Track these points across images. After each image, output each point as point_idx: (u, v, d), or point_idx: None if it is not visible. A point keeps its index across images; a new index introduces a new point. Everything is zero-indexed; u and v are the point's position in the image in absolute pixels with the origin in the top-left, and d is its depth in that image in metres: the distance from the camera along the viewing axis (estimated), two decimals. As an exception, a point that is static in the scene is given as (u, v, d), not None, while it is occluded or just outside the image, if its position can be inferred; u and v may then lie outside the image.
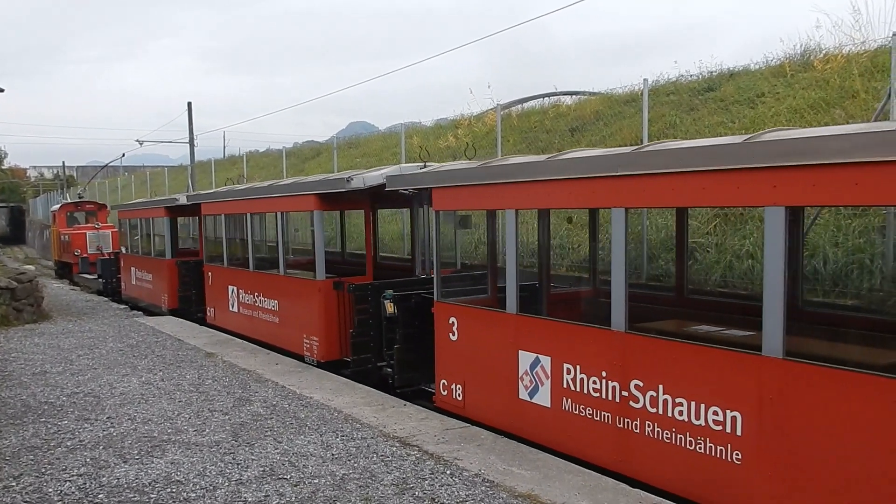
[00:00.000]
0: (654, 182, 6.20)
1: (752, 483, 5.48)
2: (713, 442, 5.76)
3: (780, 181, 5.22)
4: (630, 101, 16.92)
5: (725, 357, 5.74)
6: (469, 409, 8.47)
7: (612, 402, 6.62)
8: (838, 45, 13.74)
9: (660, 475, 6.22)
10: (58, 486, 6.68)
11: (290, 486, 6.49)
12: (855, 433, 4.89)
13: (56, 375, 11.34)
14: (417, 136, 24.45)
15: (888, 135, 4.72)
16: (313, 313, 11.64)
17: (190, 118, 35.04)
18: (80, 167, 79.01)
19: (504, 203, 7.91)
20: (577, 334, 7.10)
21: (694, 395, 5.91)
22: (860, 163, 4.76)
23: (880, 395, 4.74)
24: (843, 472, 4.96)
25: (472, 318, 8.45)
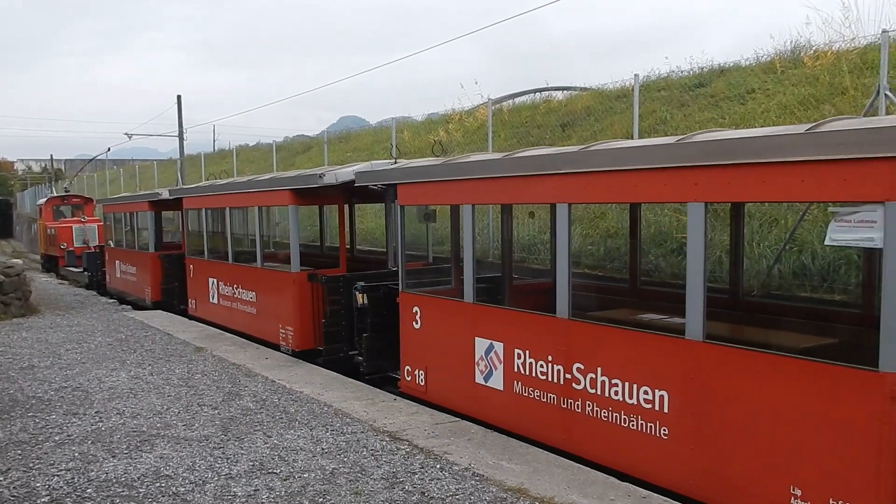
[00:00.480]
0: (593, 179, 6.68)
1: (677, 456, 5.98)
2: (644, 419, 6.26)
3: (700, 179, 5.73)
4: (621, 96, 16.94)
5: (654, 341, 6.27)
6: (431, 393, 8.89)
7: (557, 384, 7.10)
8: (828, 41, 13.79)
9: (599, 451, 6.73)
10: (46, 480, 6.65)
11: (279, 481, 6.48)
12: (767, 408, 5.36)
13: (44, 370, 11.29)
14: (408, 131, 24.42)
15: (787, 138, 5.23)
16: (288, 304, 12.02)
17: (179, 111, 34.88)
18: (68, 160, 78.57)
19: (462, 198, 8.34)
20: (527, 321, 7.56)
21: (628, 377, 6.42)
22: (766, 163, 5.28)
23: (787, 373, 5.25)
24: (757, 443, 5.41)
25: (434, 308, 8.89)
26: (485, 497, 6.00)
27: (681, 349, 5.95)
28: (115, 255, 22.06)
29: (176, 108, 34.87)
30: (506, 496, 5.99)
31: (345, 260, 12.57)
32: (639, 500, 5.88)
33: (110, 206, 22.91)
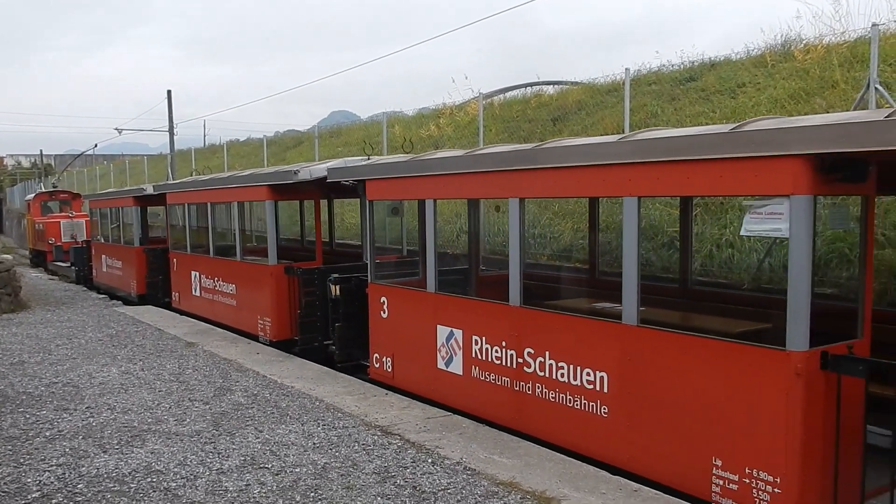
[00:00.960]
0: (541, 176, 7.15)
1: (616, 432, 6.46)
2: (587, 399, 6.75)
3: (633, 175, 6.21)
4: (612, 90, 16.95)
5: (595, 326, 6.82)
6: (397, 379, 9.34)
7: (510, 368, 7.60)
8: (818, 35, 13.82)
9: (548, 430, 7.19)
10: (36, 476, 6.63)
11: (271, 476, 6.48)
12: (692, 386, 5.85)
13: (34, 365, 11.24)
14: (400, 126, 24.38)
15: (707, 138, 5.72)
16: (266, 296, 12.47)
17: (169, 106, 34.73)
18: (58, 156, 78.10)
19: (424, 193, 8.86)
20: (483, 309, 8.08)
21: (572, 359, 6.91)
22: (690, 160, 5.77)
23: (710, 354, 5.73)
24: (684, 418, 5.89)
25: (399, 298, 9.38)
26: (476, 491, 6.01)
27: (618, 333, 6.44)
28: (101, 249, 22.32)
29: (166, 103, 34.73)
30: (497, 490, 6.01)
31: (320, 253, 12.88)
32: (629, 493, 5.90)
33: (96, 201, 23.21)
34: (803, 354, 5.15)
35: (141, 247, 18.64)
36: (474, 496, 5.91)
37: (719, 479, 5.65)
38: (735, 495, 5.53)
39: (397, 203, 11.22)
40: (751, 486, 5.45)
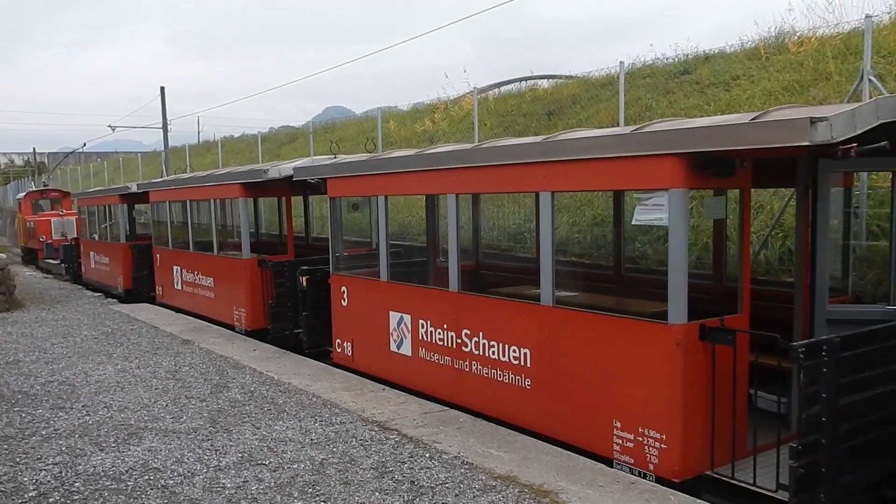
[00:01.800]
0: (473, 173, 7.97)
1: (537, 402, 7.26)
2: (513, 374, 7.55)
3: (547, 172, 6.97)
4: (607, 84, 16.93)
5: (519, 307, 7.58)
6: (357, 362, 10.17)
7: (451, 348, 8.39)
8: (812, 27, 13.82)
9: (482, 403, 7.99)
10: (33, 475, 6.61)
11: (268, 472, 6.47)
12: (596, 357, 6.62)
13: (30, 364, 11.21)
14: (394, 121, 24.34)
15: (603, 139, 6.55)
16: (241, 288, 13.27)
17: (163, 103, 34.62)
18: (51, 153, 77.86)
19: (378, 190, 9.59)
20: (428, 295, 8.95)
21: (501, 338, 7.69)
22: (590, 159, 6.54)
23: (609, 329, 6.53)
24: (590, 387, 6.67)
25: (357, 287, 10.18)
26: (474, 485, 6.01)
27: (536, 313, 7.25)
28: (89, 246, 22.95)
29: (159, 100, 34.62)
30: (495, 484, 6.01)
31: (292, 246, 13.65)
32: (626, 486, 5.91)
33: (85, 199, 23.85)
34: (682, 327, 5.91)
35: (126, 243, 19.33)
36: (472, 490, 5.91)
37: (619, 438, 6.44)
38: (631, 452, 6.33)
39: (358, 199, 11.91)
40: (643, 444, 6.23)
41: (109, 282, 20.69)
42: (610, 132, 6.93)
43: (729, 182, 6.22)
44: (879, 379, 5.67)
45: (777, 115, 5.57)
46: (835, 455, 5.41)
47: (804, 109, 5.85)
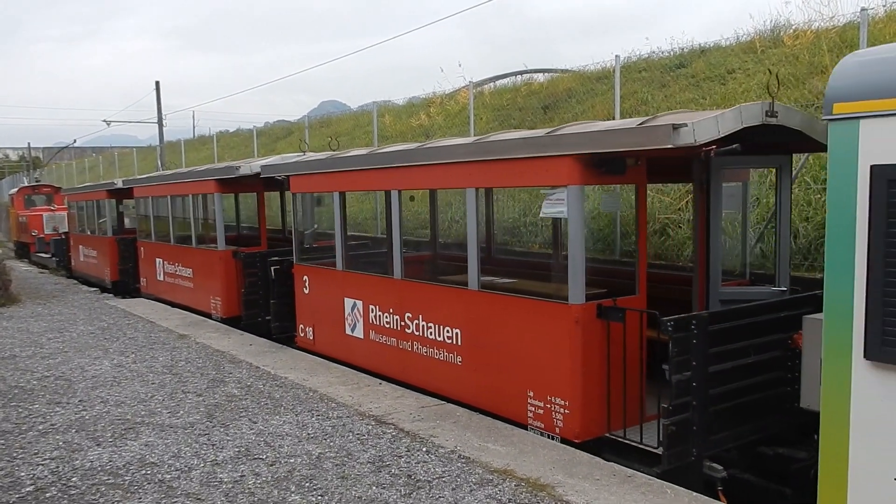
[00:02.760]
0: (413, 171, 8.74)
1: (466, 376, 8.07)
2: (447, 352, 8.32)
3: (472, 171, 7.80)
4: (602, 77, 16.93)
5: (451, 292, 8.38)
6: (318, 345, 10.95)
7: (396, 330, 9.15)
8: (807, 20, 13.83)
9: (423, 379, 8.76)
10: (30, 469, 6.61)
11: (265, 466, 6.48)
12: (513, 335, 7.42)
13: (26, 359, 11.20)
14: (390, 115, 24.30)
15: (513, 142, 7.34)
16: (216, 278, 14.09)
17: (158, 97, 34.54)
18: (46, 148, 77.64)
19: (334, 187, 10.39)
20: (377, 283, 9.65)
21: (437, 320, 8.46)
22: (505, 159, 7.36)
23: (523, 309, 7.32)
24: (508, 361, 7.48)
25: (317, 276, 10.98)
26: (471, 479, 6.03)
27: (465, 297, 8.06)
28: (78, 240, 23.71)
29: (154, 95, 34.53)
30: (492, 477, 6.03)
31: (264, 238, 14.67)
32: (623, 479, 5.93)
33: (73, 195, 24.56)
34: (580, 306, 6.70)
35: (113, 237, 20.04)
36: (469, 484, 5.93)
37: (532, 406, 7.23)
38: (542, 418, 7.12)
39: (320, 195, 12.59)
40: (551, 410, 7.01)
41: (98, 274, 21.42)
42: (523, 135, 7.70)
43: (622, 179, 7.07)
44: (744, 350, 6.46)
45: (661, 121, 6.25)
46: (705, 415, 6.23)
47: (682, 115, 6.44)
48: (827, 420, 4.87)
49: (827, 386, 4.88)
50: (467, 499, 5.67)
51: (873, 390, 4.62)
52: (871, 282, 4.58)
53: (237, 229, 18.08)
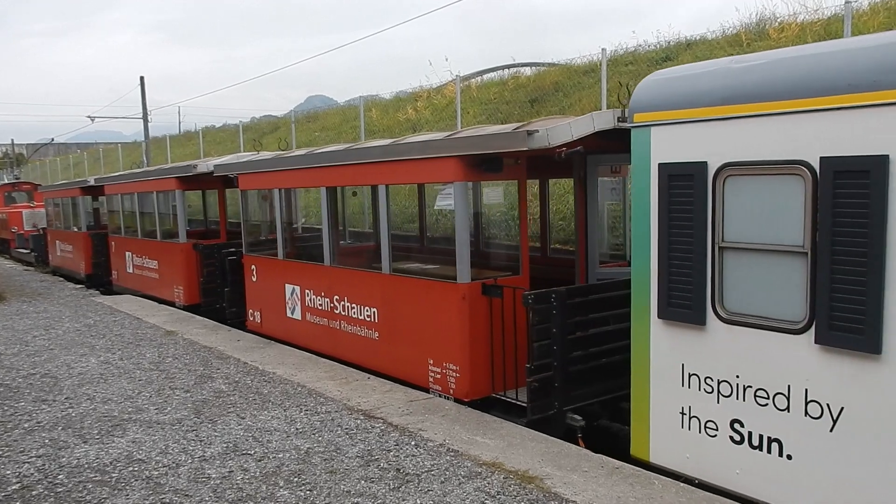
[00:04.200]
0: (338, 170, 9.85)
1: (382, 349, 9.22)
2: (367, 329, 9.45)
3: (382, 170, 8.88)
4: (589, 71, 16.96)
5: (369, 276, 9.46)
6: (264, 328, 12.07)
7: (327, 311, 10.26)
8: (792, 13, 13.90)
9: (348, 355, 9.86)
10: (16, 468, 6.57)
11: (254, 462, 6.47)
12: (416, 311, 8.52)
13: (11, 357, 11.12)
14: (377, 109, 24.26)
15: (410, 145, 8.44)
16: (179, 268, 15.14)
17: (143, 93, 34.32)
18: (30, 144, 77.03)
19: (274, 184, 11.57)
20: (311, 270, 10.71)
21: (359, 301, 9.57)
22: (404, 160, 8.49)
23: (424, 288, 8.42)
24: (413, 334, 8.58)
25: (263, 265, 12.13)
26: (460, 472, 6.03)
27: (380, 279, 9.16)
28: (55, 235, 24.73)
29: (139, 90, 34.31)
30: (481, 471, 6.03)
31: (224, 231, 15.60)
32: (611, 471, 5.95)
33: (49, 192, 25.55)
34: (466, 285, 7.81)
35: (86, 232, 20.97)
36: (458, 477, 5.93)
37: (431, 372, 8.33)
38: (439, 382, 8.24)
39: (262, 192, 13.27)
40: (447, 375, 8.12)
41: (73, 267, 22.40)
42: (421, 139, 8.72)
43: (501, 176, 8.07)
44: (603, 320, 7.40)
45: (533, 126, 7.23)
46: (566, 375, 7.26)
47: (551, 121, 7.59)
48: (635, 367, 6.11)
49: (634, 341, 6.10)
50: (456, 492, 5.67)
51: (663, 343, 5.87)
52: (660, 257, 5.78)
53: (205, 224, 19.07)
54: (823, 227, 4.78)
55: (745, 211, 5.27)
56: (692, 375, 5.67)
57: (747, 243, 5.27)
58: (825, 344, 4.85)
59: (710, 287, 5.48)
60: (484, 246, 11.43)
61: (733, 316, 5.39)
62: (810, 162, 4.84)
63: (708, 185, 5.44)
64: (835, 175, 4.71)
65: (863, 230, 4.61)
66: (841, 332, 4.75)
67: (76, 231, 21.84)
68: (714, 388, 5.53)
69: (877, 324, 4.58)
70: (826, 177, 4.75)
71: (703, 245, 5.48)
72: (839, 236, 4.72)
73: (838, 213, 4.70)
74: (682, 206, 5.60)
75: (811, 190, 4.84)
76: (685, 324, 5.66)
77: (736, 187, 5.31)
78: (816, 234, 4.82)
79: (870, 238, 4.57)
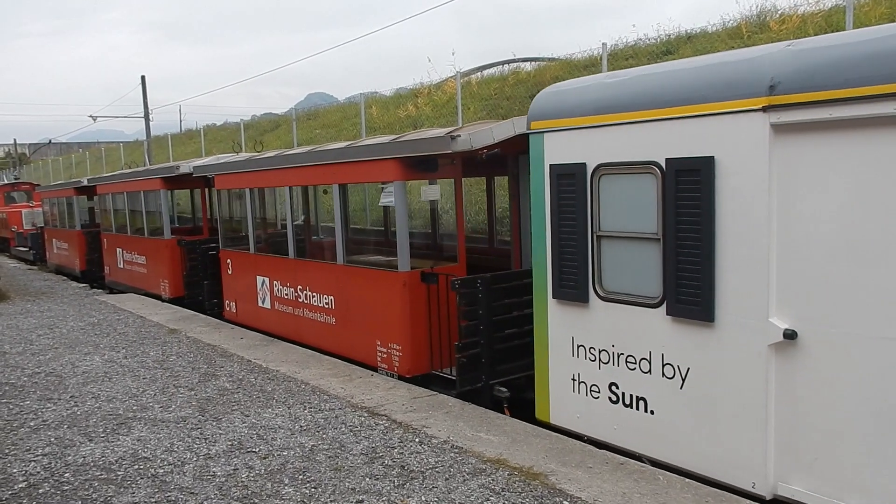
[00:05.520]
0: (298, 171, 10.85)
1: (339, 333, 10.15)
2: (326, 315, 10.41)
3: (337, 171, 9.88)
4: (589, 65, 16.92)
5: (327, 266, 10.42)
6: (239, 317, 13.07)
7: (292, 300, 11.24)
8: (793, 5, 13.87)
9: (310, 339, 10.83)
10: (22, 466, 6.59)
11: (258, 459, 6.49)
12: (366, 297, 9.46)
13: (16, 356, 11.15)
14: (377, 106, 24.24)
15: (359, 149, 9.47)
16: (164, 263, 16.02)
17: (144, 91, 34.32)
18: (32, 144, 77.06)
19: (245, 184, 12.59)
20: (278, 262, 11.68)
21: (319, 290, 10.53)
22: (354, 161, 9.48)
23: (372, 277, 9.38)
24: (364, 319, 9.51)
25: (237, 258, 13.14)
26: (464, 469, 6.05)
27: (335, 270, 10.11)
28: (51, 234, 25.75)
29: (140, 89, 34.30)
30: (485, 467, 6.05)
31: (206, 228, 16.72)
32: (616, 467, 5.96)
33: (46, 192, 26.59)
34: (407, 273, 8.72)
35: (80, 230, 21.99)
36: (462, 474, 5.95)
37: (379, 352, 9.23)
38: (386, 361, 9.14)
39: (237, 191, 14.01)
40: (392, 354, 9.03)
41: (69, 264, 23.44)
42: (368, 143, 9.71)
43: (438, 175, 8.98)
44: (522, 303, 7.87)
45: (465, 131, 8.10)
46: (492, 352, 8.10)
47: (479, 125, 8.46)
48: (537, 342, 7.03)
49: (536, 319, 7.02)
50: (461, 489, 5.69)
51: (557, 319, 6.78)
52: (553, 245, 6.67)
53: (193, 221, 19.70)
54: (669, 217, 5.67)
55: (615, 204, 6.19)
56: (580, 346, 6.60)
57: (618, 232, 6.19)
58: (674, 315, 5.74)
59: (591, 270, 6.39)
60: (432, 238, 12.28)
61: (609, 294, 6.30)
62: (659, 162, 5.72)
63: (587, 183, 6.33)
64: (676, 173, 5.60)
65: (697, 219, 5.48)
66: (684, 304, 5.64)
67: (71, 229, 22.82)
68: (596, 356, 6.46)
69: (710, 296, 5.45)
70: (670, 175, 5.64)
71: (585, 234, 6.40)
72: (680, 224, 5.60)
73: (679, 206, 5.59)
74: (568, 201, 6.51)
75: (661, 186, 5.72)
76: (573, 302, 6.59)
77: (608, 184, 6.22)
78: (665, 224, 5.70)
79: (702, 226, 5.44)
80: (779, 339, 5.11)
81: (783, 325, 5.10)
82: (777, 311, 5.15)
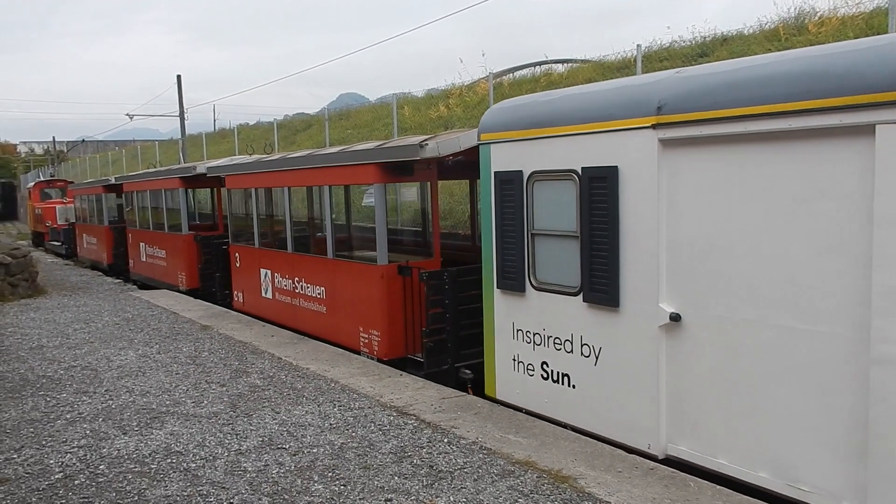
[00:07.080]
0: (293, 173, 11.87)
1: (328, 321, 11.18)
2: (319, 305, 11.43)
3: (326, 174, 10.85)
4: (623, 67, 16.81)
5: (319, 260, 11.35)
6: (245, 307, 14.21)
7: (290, 291, 12.30)
8: (833, 7, 13.66)
9: (306, 327, 11.88)
10: (59, 457, 6.72)
11: (289, 456, 6.54)
12: (353, 288, 10.42)
13: (53, 349, 11.36)
14: (409, 107, 24.30)
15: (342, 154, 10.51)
16: (181, 256, 17.16)
17: (180, 91, 34.73)
18: (70, 142, 78.42)
19: (252, 184, 13.63)
20: (279, 256, 12.70)
21: (313, 282, 11.54)
22: (339, 165, 10.46)
23: (356, 270, 10.40)
24: (350, 307, 10.53)
25: (244, 252, 14.24)
26: (493, 470, 6.05)
27: (326, 263, 11.12)
28: (82, 229, 27.41)
29: (175, 88, 34.72)
30: (514, 469, 6.04)
31: (221, 224, 17.40)
32: (646, 472, 5.92)
33: (77, 190, 28.18)
34: (385, 266, 9.69)
35: (108, 226, 23.53)
36: (490, 475, 5.95)
37: (362, 338, 10.20)
38: (367, 345, 10.14)
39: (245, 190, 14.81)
40: (371, 340, 10.02)
41: (97, 258, 24.97)
42: (354, 148, 10.55)
43: (414, 178, 10.11)
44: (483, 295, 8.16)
45: (435, 140, 8.98)
46: (457, 337, 9.03)
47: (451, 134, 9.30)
48: (486, 327, 7.91)
49: (485, 307, 7.90)
50: (489, 490, 5.69)
51: (501, 307, 7.68)
52: (497, 242, 7.55)
53: (213, 218, 20.32)
54: (585, 218, 6.54)
55: (545, 206, 7.04)
56: (518, 330, 7.49)
57: (547, 230, 7.04)
58: (589, 302, 6.63)
59: (527, 263, 7.26)
60: (421, 235, 13.30)
61: (541, 285, 7.17)
62: (577, 170, 6.60)
63: (524, 187, 7.19)
64: (590, 180, 6.46)
65: (605, 220, 6.35)
66: (597, 292, 6.52)
67: (99, 225, 24.33)
68: (531, 339, 7.35)
69: (616, 285, 6.32)
70: (585, 181, 6.51)
71: (522, 232, 7.26)
72: (593, 224, 6.47)
73: (592, 208, 6.46)
74: (509, 203, 7.35)
75: (579, 191, 6.59)
76: (513, 292, 7.47)
77: (539, 189, 7.08)
78: (582, 223, 6.57)
79: (609, 225, 6.31)
80: (666, 322, 5.96)
81: (670, 309, 5.96)
82: (666, 298, 6.01)
